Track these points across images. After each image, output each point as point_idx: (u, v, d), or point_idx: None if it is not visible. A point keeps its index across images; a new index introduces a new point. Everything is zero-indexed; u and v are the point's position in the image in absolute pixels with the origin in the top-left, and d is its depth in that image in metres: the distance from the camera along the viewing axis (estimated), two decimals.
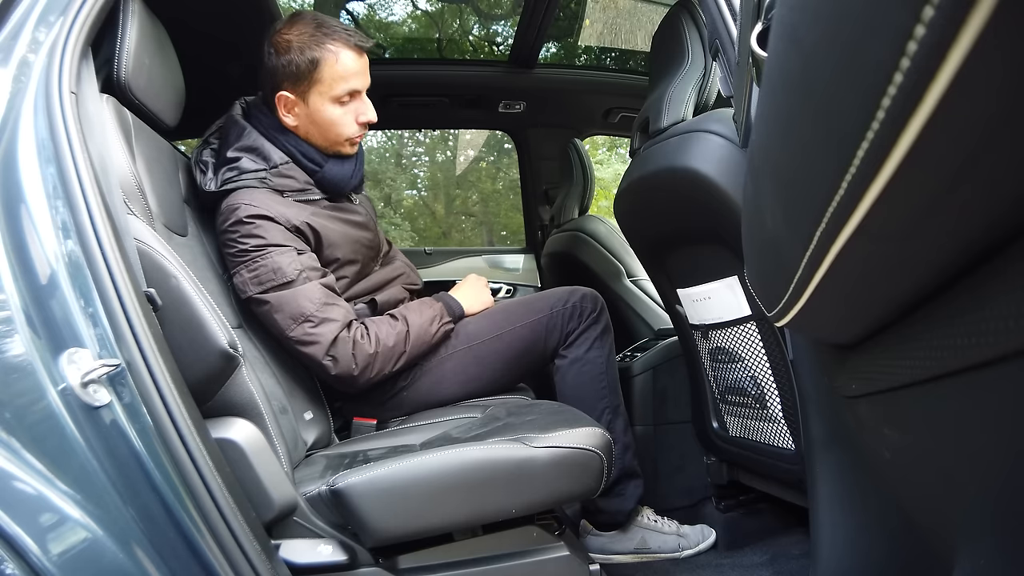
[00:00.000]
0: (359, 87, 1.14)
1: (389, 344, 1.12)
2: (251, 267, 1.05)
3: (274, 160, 1.12)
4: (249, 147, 1.12)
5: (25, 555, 0.61)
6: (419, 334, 1.17)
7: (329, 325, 1.07)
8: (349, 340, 1.08)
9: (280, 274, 1.05)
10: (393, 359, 1.13)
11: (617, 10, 2.38)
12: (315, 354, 1.07)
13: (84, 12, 0.77)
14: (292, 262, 1.07)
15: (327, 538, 0.83)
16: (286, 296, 1.05)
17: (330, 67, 1.11)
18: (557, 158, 2.18)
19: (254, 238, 1.06)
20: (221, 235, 1.09)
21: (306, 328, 1.06)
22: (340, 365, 1.08)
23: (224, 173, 1.10)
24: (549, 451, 0.82)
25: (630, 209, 1.25)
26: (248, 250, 1.06)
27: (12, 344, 0.66)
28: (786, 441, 1.08)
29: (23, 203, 0.69)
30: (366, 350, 1.10)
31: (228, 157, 1.11)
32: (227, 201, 1.08)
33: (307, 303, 1.06)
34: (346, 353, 1.08)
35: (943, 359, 0.30)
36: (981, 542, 0.34)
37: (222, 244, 1.09)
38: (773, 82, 0.38)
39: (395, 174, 5.99)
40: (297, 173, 1.15)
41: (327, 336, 1.06)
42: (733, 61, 0.87)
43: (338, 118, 1.14)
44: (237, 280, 1.07)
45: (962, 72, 0.19)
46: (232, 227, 1.06)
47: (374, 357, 1.11)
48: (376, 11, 3.29)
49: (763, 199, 0.45)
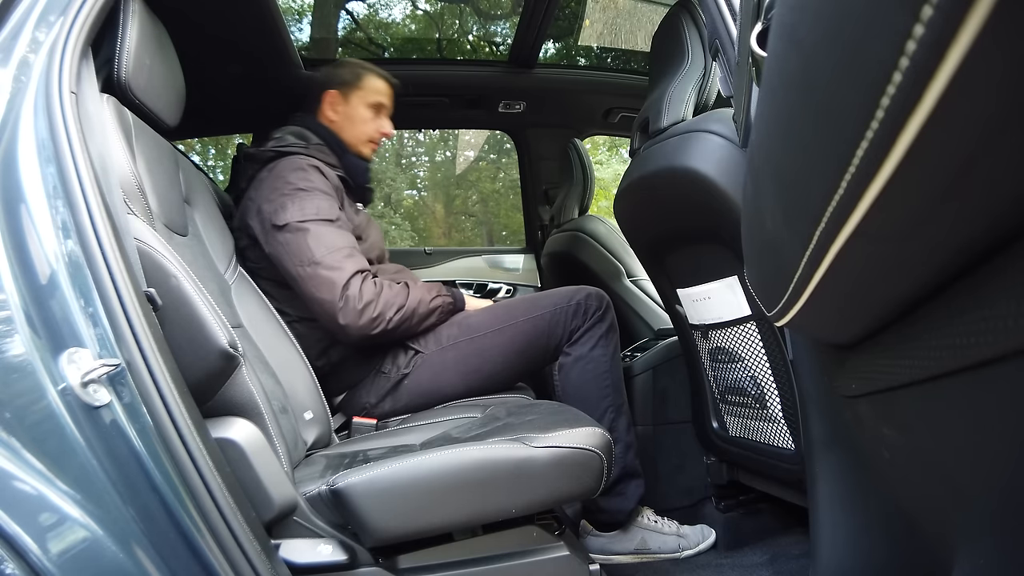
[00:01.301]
0: (385, 103, 1.45)
1: (392, 292, 1.23)
2: (297, 201, 1.20)
3: (313, 140, 1.35)
4: (292, 131, 1.35)
5: (25, 555, 0.61)
6: (417, 296, 1.26)
7: (353, 262, 1.20)
8: (360, 279, 1.20)
9: (323, 211, 1.21)
10: (394, 306, 1.22)
11: (617, 10, 2.38)
12: (336, 280, 1.16)
13: (84, 12, 0.77)
14: (333, 208, 1.24)
15: (327, 538, 0.83)
16: (326, 229, 1.20)
17: (369, 82, 1.43)
18: (557, 158, 2.18)
19: (306, 181, 1.23)
20: (272, 181, 1.23)
21: (337, 257, 1.18)
22: (350, 296, 1.17)
23: (271, 144, 1.32)
24: (549, 451, 0.82)
25: (630, 209, 1.25)
26: (300, 188, 1.21)
27: (12, 344, 0.66)
28: (786, 441, 1.08)
29: (23, 203, 0.69)
30: (372, 288, 1.20)
31: (275, 136, 1.35)
32: (283, 158, 1.28)
33: (342, 240, 1.21)
34: (356, 288, 1.18)
35: (943, 359, 0.30)
36: (981, 542, 0.34)
37: (270, 190, 1.22)
38: (773, 82, 0.38)
39: (395, 174, 5.99)
40: (328, 152, 1.36)
41: (350, 268, 1.18)
42: (733, 61, 0.87)
43: (368, 119, 1.42)
44: (277, 211, 1.19)
45: (961, 72, 0.19)
46: (286, 172, 1.24)
47: (378, 296, 1.20)
48: (376, 11, 3.29)
49: (763, 199, 0.45)
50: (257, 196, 1.24)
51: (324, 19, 2.57)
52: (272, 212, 1.20)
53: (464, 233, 6.23)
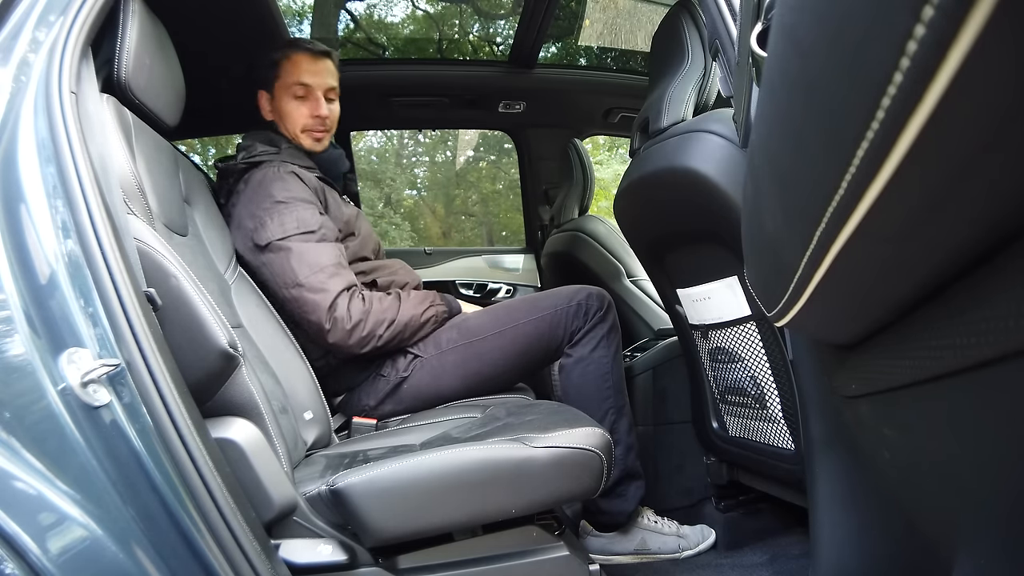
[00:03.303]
0: (309, 82, 1.32)
1: (382, 307, 1.20)
2: (276, 216, 1.17)
3: (283, 144, 1.32)
4: (260, 137, 1.32)
5: (25, 555, 0.61)
6: (408, 309, 1.24)
7: (339, 280, 1.17)
8: (347, 297, 1.17)
9: (304, 223, 1.17)
10: (384, 323, 1.20)
11: (617, 10, 2.38)
12: (321, 302, 1.14)
13: (84, 12, 0.77)
14: (315, 217, 1.20)
15: (327, 538, 0.83)
16: (308, 246, 1.16)
17: (285, 66, 1.31)
18: (557, 158, 2.18)
19: (284, 191, 1.19)
20: (250, 194, 1.19)
21: (321, 277, 1.15)
22: (338, 318, 1.15)
23: (241, 155, 1.29)
24: (549, 451, 0.82)
25: (630, 209, 1.25)
26: (278, 201, 1.18)
27: (12, 344, 0.66)
28: (786, 441, 1.08)
29: (23, 203, 0.69)
30: (360, 306, 1.18)
31: (244, 146, 1.31)
32: (257, 168, 1.24)
33: (325, 257, 1.17)
34: (343, 308, 1.16)
35: (943, 359, 0.30)
36: (981, 542, 0.34)
37: (249, 203, 1.19)
38: (773, 82, 0.38)
39: (395, 174, 5.99)
40: (299, 154, 1.32)
41: (335, 288, 1.15)
42: (733, 61, 0.87)
43: (294, 108, 1.32)
44: (257, 230, 1.17)
45: (962, 72, 0.19)
46: (264, 183, 1.20)
47: (367, 315, 1.17)
48: (376, 11, 3.29)
49: (763, 199, 0.45)
50: (237, 212, 1.21)
51: (324, 19, 2.58)
52: (253, 230, 1.18)
53: (464, 233, 6.23)
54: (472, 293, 2.29)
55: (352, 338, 1.16)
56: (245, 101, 1.74)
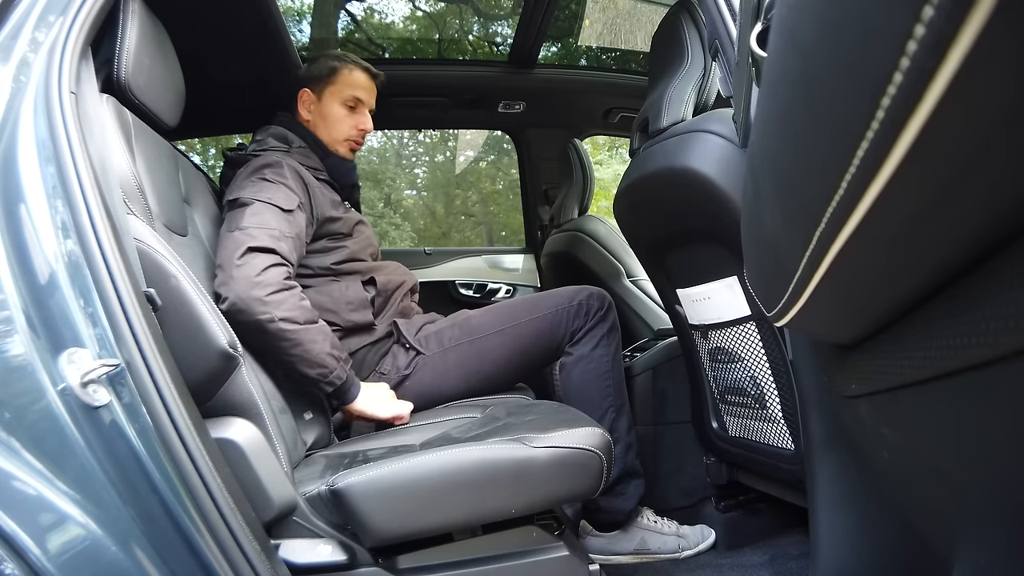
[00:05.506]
0: (363, 98, 1.38)
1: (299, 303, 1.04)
2: (256, 184, 1.14)
3: (295, 143, 1.33)
4: (274, 133, 1.33)
5: (24, 555, 0.61)
6: (320, 337, 1.06)
7: (279, 244, 1.06)
8: (271, 260, 1.03)
9: (277, 200, 1.13)
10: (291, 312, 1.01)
11: (617, 10, 2.38)
12: (244, 242, 1.02)
13: (84, 12, 0.77)
14: (291, 198, 1.16)
15: (327, 538, 0.83)
16: (270, 211, 1.10)
17: (344, 76, 1.37)
18: (557, 158, 2.18)
19: (276, 176, 1.17)
20: (244, 174, 1.18)
21: (262, 232, 1.04)
22: (248, 264, 1.00)
23: (252, 147, 1.31)
24: (549, 451, 0.82)
25: (630, 209, 1.25)
26: (264, 178, 1.16)
27: (12, 344, 0.66)
28: (786, 441, 1.08)
29: (23, 203, 0.69)
30: (279, 279, 1.03)
31: (256, 139, 1.33)
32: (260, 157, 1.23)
33: (283, 225, 1.10)
34: (260, 263, 1.01)
35: (943, 359, 0.30)
36: (981, 542, 0.34)
37: (238, 178, 1.18)
38: (773, 82, 0.38)
39: (395, 174, 5.99)
40: (311, 155, 1.34)
41: (267, 243, 1.04)
42: (733, 61, 0.87)
43: (342, 117, 1.37)
44: (233, 191, 1.14)
45: (962, 72, 0.19)
46: (259, 167, 1.19)
47: (281, 289, 1.02)
48: (376, 11, 3.29)
49: (763, 199, 0.45)
50: (227, 191, 1.18)
51: (324, 19, 2.58)
52: (229, 193, 1.15)
53: (464, 233, 6.23)
54: (472, 293, 2.29)
55: (252, 291, 0.98)
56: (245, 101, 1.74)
